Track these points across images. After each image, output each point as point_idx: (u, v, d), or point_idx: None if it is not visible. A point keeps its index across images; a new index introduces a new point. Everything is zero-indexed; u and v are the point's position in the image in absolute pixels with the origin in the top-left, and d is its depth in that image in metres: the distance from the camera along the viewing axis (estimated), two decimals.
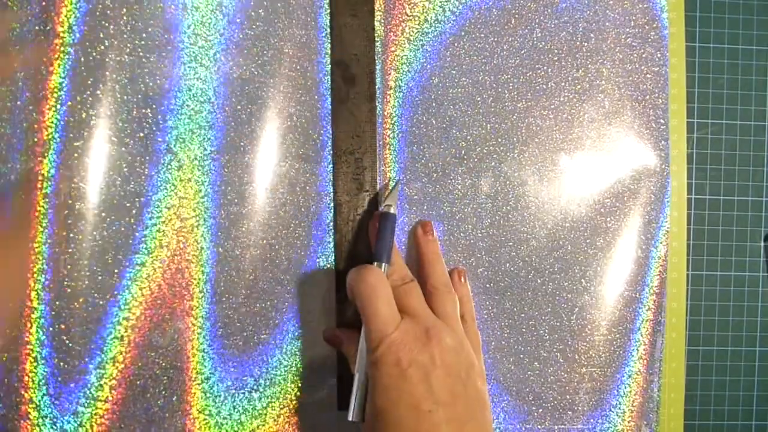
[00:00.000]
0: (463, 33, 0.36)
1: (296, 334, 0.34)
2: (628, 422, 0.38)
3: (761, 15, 0.41)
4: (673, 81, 0.39)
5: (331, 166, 0.34)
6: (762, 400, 0.41)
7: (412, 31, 0.36)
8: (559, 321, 0.37)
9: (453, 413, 0.26)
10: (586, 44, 0.37)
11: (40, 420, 0.32)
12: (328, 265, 0.35)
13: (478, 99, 0.36)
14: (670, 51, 0.38)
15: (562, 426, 0.37)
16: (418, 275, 0.33)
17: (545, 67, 0.37)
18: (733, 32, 0.41)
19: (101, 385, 0.32)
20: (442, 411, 0.26)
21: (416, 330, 0.27)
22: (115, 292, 0.32)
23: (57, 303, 0.31)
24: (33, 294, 0.31)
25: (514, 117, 0.36)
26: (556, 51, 0.37)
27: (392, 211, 0.33)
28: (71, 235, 0.31)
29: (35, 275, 0.31)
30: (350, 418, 0.29)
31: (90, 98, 0.31)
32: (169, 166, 0.32)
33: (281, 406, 0.34)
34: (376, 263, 0.31)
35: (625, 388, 0.37)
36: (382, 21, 0.36)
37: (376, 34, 0.35)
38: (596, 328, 0.37)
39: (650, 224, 0.38)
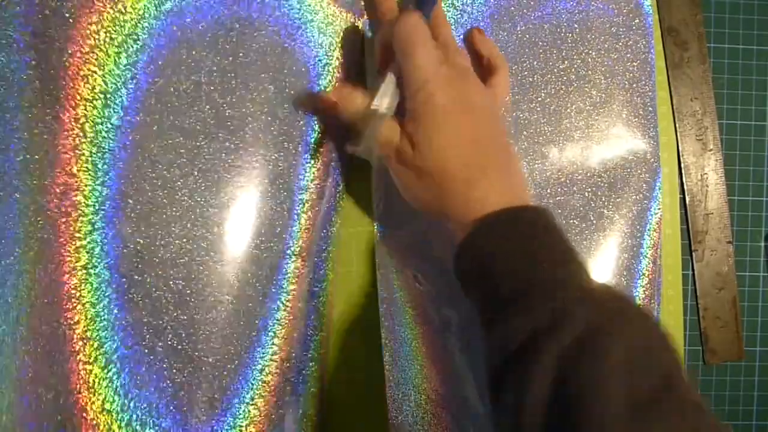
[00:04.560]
0: None
1: None
2: None
3: (761, 15, 0.41)
4: (660, 68, 0.39)
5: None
6: (762, 400, 0.41)
7: None
8: None
9: (487, 150, 0.29)
10: (570, 35, 0.37)
11: None
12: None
13: None
14: (655, 38, 0.38)
15: None
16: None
17: (531, 60, 0.37)
18: (733, 32, 0.41)
19: None
20: (479, 147, 0.29)
21: (452, 73, 0.29)
22: None
23: None
24: None
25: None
26: (540, 43, 0.37)
27: None
28: None
29: None
30: (375, 106, 0.29)
31: None
32: None
33: None
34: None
35: None
36: None
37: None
38: None
39: (643, 212, 0.37)
